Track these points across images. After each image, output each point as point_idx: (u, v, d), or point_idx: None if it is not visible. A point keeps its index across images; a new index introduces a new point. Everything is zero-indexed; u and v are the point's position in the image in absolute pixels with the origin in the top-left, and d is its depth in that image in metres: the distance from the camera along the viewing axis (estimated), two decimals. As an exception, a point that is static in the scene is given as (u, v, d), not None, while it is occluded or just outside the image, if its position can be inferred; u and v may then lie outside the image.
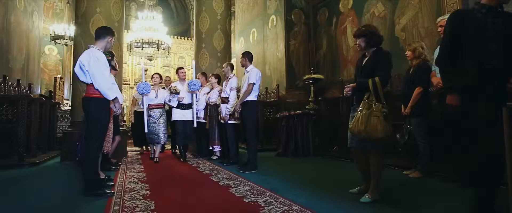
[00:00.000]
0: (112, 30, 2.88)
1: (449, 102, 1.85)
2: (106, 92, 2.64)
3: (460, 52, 1.84)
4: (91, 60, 2.59)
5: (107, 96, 2.66)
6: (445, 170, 3.13)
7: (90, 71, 2.58)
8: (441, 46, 2.00)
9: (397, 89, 4.47)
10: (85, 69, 2.59)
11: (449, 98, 1.85)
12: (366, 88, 2.31)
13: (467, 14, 1.89)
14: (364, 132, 2.18)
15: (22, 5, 5.61)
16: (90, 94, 2.67)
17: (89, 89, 2.67)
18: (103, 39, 2.76)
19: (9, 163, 4.22)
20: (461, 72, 1.82)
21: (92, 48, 2.71)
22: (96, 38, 2.79)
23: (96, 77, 2.59)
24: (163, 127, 4.69)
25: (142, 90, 4.28)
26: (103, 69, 2.66)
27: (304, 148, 5.30)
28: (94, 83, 2.61)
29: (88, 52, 2.66)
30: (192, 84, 4.48)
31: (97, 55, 2.66)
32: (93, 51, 2.67)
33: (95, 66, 2.59)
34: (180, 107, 4.80)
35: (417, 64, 3.29)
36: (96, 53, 2.66)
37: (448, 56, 1.90)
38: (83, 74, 2.64)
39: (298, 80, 6.64)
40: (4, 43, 4.93)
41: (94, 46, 2.72)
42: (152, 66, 11.06)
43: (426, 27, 4.46)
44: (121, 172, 3.74)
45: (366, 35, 2.43)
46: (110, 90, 2.67)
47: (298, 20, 6.85)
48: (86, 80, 2.65)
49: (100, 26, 2.97)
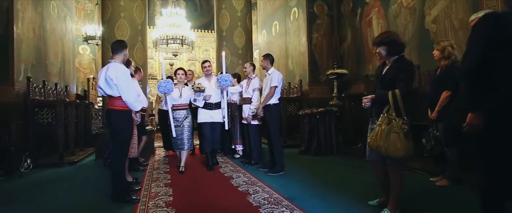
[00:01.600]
0: (125, 42, 2.97)
1: (470, 122, 1.63)
2: (134, 104, 2.77)
3: (493, 63, 1.59)
4: (118, 74, 2.68)
5: (133, 108, 2.79)
6: (475, 178, 2.95)
7: (118, 84, 2.67)
8: (471, 53, 1.70)
9: (425, 87, 4.22)
10: (113, 83, 2.67)
11: (472, 118, 1.63)
12: (386, 101, 2.21)
13: (507, 18, 1.63)
14: (383, 149, 2.10)
15: (56, 12, 5.95)
16: (115, 106, 2.77)
17: (114, 101, 2.77)
18: (121, 52, 2.85)
19: (51, 161, 4.65)
20: (490, 88, 1.59)
21: (114, 62, 2.79)
22: (114, 53, 2.86)
23: (124, 90, 2.69)
24: (188, 132, 4.05)
25: (164, 90, 3.71)
26: (130, 82, 2.80)
27: (327, 146, 5.23)
28: (122, 96, 2.70)
29: (113, 67, 2.73)
30: (222, 79, 3.87)
31: (123, 69, 2.77)
32: (118, 65, 2.76)
33: (123, 80, 2.69)
34: (207, 107, 4.18)
35: (445, 65, 3.07)
36: (121, 67, 2.77)
37: (479, 68, 1.61)
38: (109, 88, 2.72)
39: (321, 75, 6.48)
40: (42, 50, 5.31)
41: (115, 61, 2.81)
42: (177, 60, 11.33)
43: (460, 18, 4.10)
44: (148, 175, 3.95)
45: (387, 43, 2.30)
46: (136, 102, 2.81)
47: (321, 12, 6.61)
48: (113, 93, 2.74)
49: (114, 41, 3.05)
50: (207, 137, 4.20)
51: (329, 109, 5.32)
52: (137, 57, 5.14)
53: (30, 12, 4.91)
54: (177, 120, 3.98)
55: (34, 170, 4.23)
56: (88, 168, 4.56)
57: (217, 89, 4.10)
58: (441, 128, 3.11)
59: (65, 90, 6.01)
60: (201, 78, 4.40)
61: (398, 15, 5.09)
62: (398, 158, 2.10)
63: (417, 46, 4.74)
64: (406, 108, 2.15)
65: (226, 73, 3.97)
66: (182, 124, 4.00)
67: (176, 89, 3.99)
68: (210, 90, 4.14)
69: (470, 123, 1.64)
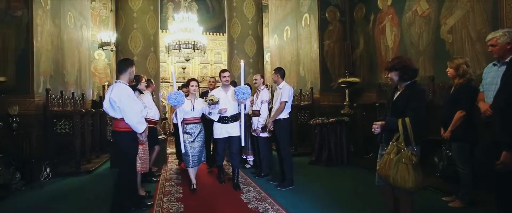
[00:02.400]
0: (130, 61, 2.98)
1: (505, 160, 1.61)
2: (137, 127, 2.78)
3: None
4: (122, 96, 2.68)
5: (137, 130, 2.80)
6: (489, 199, 2.88)
7: (121, 107, 2.67)
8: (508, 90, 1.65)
9: (439, 100, 4.12)
10: (116, 105, 2.69)
11: (507, 157, 1.60)
12: (396, 129, 2.18)
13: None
14: (391, 179, 2.08)
15: (72, 22, 6.14)
16: (120, 128, 2.79)
17: (119, 123, 2.77)
18: (126, 71, 2.84)
19: (68, 171, 4.84)
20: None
21: (119, 83, 2.80)
22: (119, 72, 2.86)
23: (126, 113, 2.70)
24: (200, 147, 3.79)
25: (174, 102, 3.43)
26: (133, 104, 2.76)
27: (337, 156, 5.20)
28: (125, 118, 2.72)
29: (117, 88, 2.72)
30: (240, 92, 3.51)
31: (127, 91, 2.75)
32: (122, 86, 2.75)
33: (126, 102, 2.68)
34: (223, 120, 3.83)
35: (460, 83, 2.99)
36: (125, 89, 2.76)
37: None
38: (113, 110, 2.73)
39: (333, 82, 6.42)
40: (60, 61, 5.49)
41: (121, 81, 2.81)
42: (190, 64, 11.47)
43: (478, 30, 3.96)
44: (161, 187, 4.04)
45: (399, 69, 2.26)
46: (139, 124, 2.79)
47: (333, 18, 6.52)
48: (115, 115, 2.76)
49: (120, 59, 3.07)
50: (219, 153, 3.98)
51: (340, 120, 5.27)
52: (150, 68, 5.25)
53: (49, 25, 5.09)
54: (189, 134, 3.72)
55: (53, 179, 4.43)
56: (103, 177, 4.70)
57: (234, 101, 3.78)
58: (454, 148, 3.05)
59: (82, 98, 6.20)
60: (217, 89, 4.10)
61: (413, 23, 4.97)
62: (407, 189, 2.08)
63: (432, 56, 4.62)
64: (416, 137, 2.13)
65: (244, 84, 3.68)
66: (195, 139, 3.73)
67: (188, 101, 3.72)
68: (226, 102, 3.80)
69: (504, 161, 1.62)
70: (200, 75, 12.03)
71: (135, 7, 5.11)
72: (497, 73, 2.66)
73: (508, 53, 2.57)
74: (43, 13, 4.87)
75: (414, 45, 4.95)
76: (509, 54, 2.57)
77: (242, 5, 5.84)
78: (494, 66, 2.73)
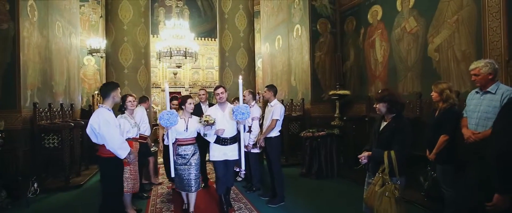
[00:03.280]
0: (114, 83, 2.97)
1: (497, 203, 1.61)
2: (118, 152, 2.74)
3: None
4: (101, 122, 2.66)
5: (119, 156, 2.76)
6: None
7: (101, 133, 2.66)
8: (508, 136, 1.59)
9: (426, 116, 4.22)
10: (96, 131, 2.67)
11: (499, 200, 1.61)
12: (382, 160, 2.25)
13: None
14: (376, 211, 2.15)
15: (61, 31, 6.03)
16: (103, 153, 2.78)
17: (102, 148, 2.77)
18: (109, 96, 2.80)
19: (57, 185, 4.76)
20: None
21: (101, 108, 2.78)
22: (103, 97, 2.84)
23: (106, 140, 2.67)
24: (195, 171, 3.37)
25: (166, 123, 3.08)
26: (112, 130, 2.71)
27: (328, 169, 5.28)
28: (105, 144, 2.71)
29: (97, 115, 2.71)
30: (239, 112, 3.17)
31: (106, 116, 2.71)
32: (102, 112, 2.73)
33: (105, 129, 2.65)
34: (221, 142, 3.46)
35: (443, 108, 3.08)
36: (105, 114, 2.72)
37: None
38: (95, 136, 2.72)
39: (323, 93, 6.50)
40: (48, 72, 5.39)
41: (104, 106, 2.79)
42: (181, 69, 11.40)
43: (463, 50, 4.08)
44: (152, 204, 4.02)
45: (388, 101, 2.32)
46: (120, 149, 2.75)
47: (324, 30, 6.60)
48: (97, 141, 2.75)
49: (103, 84, 3.06)
50: (220, 178, 3.55)
51: (330, 133, 5.35)
52: (141, 81, 5.21)
53: (36, 37, 4.99)
54: (182, 157, 3.33)
55: (41, 195, 4.36)
56: (93, 192, 4.64)
57: (232, 120, 3.37)
58: (438, 169, 3.14)
59: (71, 108, 6.11)
60: (213, 107, 3.69)
61: (402, 39, 5.07)
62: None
63: (420, 73, 4.73)
64: (400, 169, 2.20)
65: (243, 103, 3.35)
66: (189, 161, 3.33)
67: (181, 120, 3.28)
68: (223, 122, 3.41)
69: (496, 204, 1.64)
70: (191, 81, 11.99)
71: (125, 19, 5.06)
72: (479, 101, 2.76)
73: (490, 82, 2.68)
74: (30, 25, 4.78)
75: (403, 60, 5.06)
76: (491, 83, 2.68)
77: (234, 17, 5.85)
78: (476, 94, 2.83)
